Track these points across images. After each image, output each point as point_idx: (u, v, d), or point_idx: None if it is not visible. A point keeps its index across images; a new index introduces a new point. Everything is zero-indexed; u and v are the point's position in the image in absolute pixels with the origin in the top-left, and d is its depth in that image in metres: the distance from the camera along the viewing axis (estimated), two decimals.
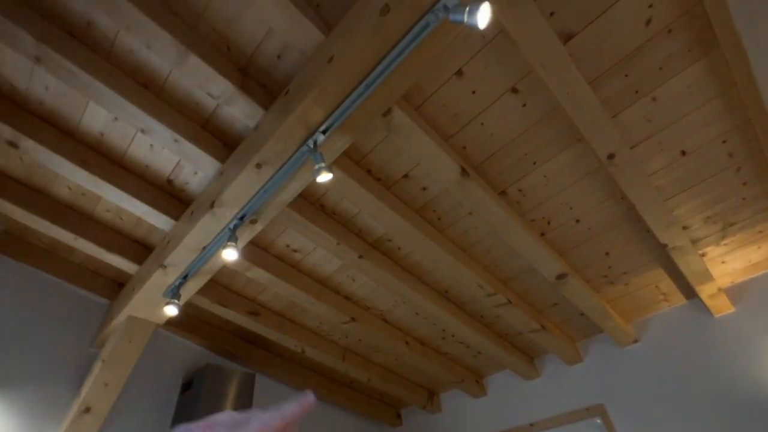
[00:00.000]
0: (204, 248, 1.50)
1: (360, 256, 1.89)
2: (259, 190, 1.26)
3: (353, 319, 2.27)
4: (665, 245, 1.77)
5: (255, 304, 2.35)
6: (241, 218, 1.36)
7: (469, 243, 1.96)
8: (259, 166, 1.21)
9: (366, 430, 3.31)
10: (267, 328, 2.36)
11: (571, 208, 1.79)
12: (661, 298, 2.25)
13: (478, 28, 0.79)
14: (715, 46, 1.28)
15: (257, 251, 2.01)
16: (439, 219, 1.86)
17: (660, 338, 2.26)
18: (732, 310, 2.07)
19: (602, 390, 2.36)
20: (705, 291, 1.98)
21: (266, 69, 1.37)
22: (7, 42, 1.24)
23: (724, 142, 1.53)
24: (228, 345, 2.56)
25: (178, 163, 1.65)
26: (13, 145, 1.51)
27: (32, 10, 1.26)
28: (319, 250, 2.02)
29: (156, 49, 1.24)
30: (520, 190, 1.73)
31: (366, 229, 1.91)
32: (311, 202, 1.81)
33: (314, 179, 1.06)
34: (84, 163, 1.58)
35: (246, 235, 1.49)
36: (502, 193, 1.74)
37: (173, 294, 1.58)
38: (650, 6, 1.21)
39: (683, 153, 1.57)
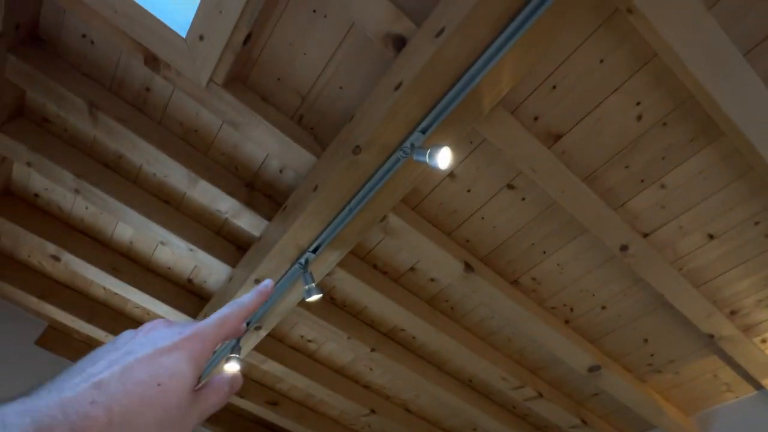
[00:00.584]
0: (214, 352, 1.53)
1: (372, 350, 1.84)
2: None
3: (373, 411, 2.16)
4: (711, 335, 1.57)
5: (274, 392, 2.32)
6: (246, 324, 1.39)
7: (487, 332, 1.85)
8: (257, 281, 1.25)
9: None
10: (286, 419, 2.30)
11: (593, 295, 1.66)
12: (724, 389, 1.94)
13: (439, 170, 0.81)
14: (720, 134, 1.21)
15: (272, 342, 2.02)
16: (452, 309, 1.79)
17: None
18: None
19: None
20: None
21: (270, 182, 1.48)
22: (53, 179, 1.45)
23: (756, 223, 1.39)
24: None
25: (195, 266, 1.76)
26: (56, 258, 1.69)
27: (75, 148, 1.47)
28: (332, 342, 2.00)
29: (171, 177, 1.39)
30: (533, 279, 1.64)
31: (378, 319, 1.88)
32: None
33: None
34: (114, 270, 1.73)
35: (251, 341, 1.51)
36: (515, 282, 1.66)
37: None
38: (638, 104, 1.19)
39: (711, 236, 1.44)
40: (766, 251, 1.46)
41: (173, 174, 1.40)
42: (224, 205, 1.43)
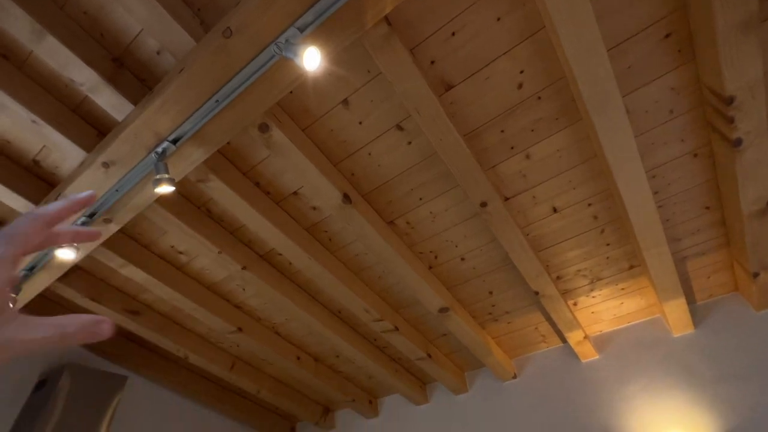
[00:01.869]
0: None
1: (244, 268, 1.83)
2: (109, 190, 1.18)
3: (240, 329, 2.19)
4: (537, 292, 1.88)
5: (136, 302, 2.20)
6: (91, 216, 1.26)
7: (361, 267, 1.97)
8: (106, 165, 1.13)
9: None
10: (147, 329, 2.21)
11: (456, 246, 1.85)
12: (540, 339, 2.38)
13: (306, 70, 0.78)
14: (579, 119, 1.38)
15: (136, 248, 1.89)
16: (330, 240, 1.85)
17: (535, 376, 2.39)
18: (596, 357, 2.24)
19: (483, 420, 2.45)
20: (573, 338, 2.12)
21: (144, 62, 1.30)
22: None
23: (589, 205, 1.66)
24: (102, 342, 2.37)
25: (44, 146, 1.51)
26: None
27: None
28: (205, 257, 1.94)
29: (12, 25, 1.13)
30: (408, 223, 1.76)
31: (255, 240, 1.86)
32: (197, 206, 1.74)
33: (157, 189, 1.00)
34: None
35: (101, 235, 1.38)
36: (391, 223, 1.76)
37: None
38: (521, 72, 1.29)
39: (555, 209, 1.68)
40: (590, 230, 1.76)
41: (14, 23, 1.14)
42: (80, 75, 1.22)
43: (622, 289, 2.03)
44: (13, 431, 1.94)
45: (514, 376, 2.46)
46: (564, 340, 2.37)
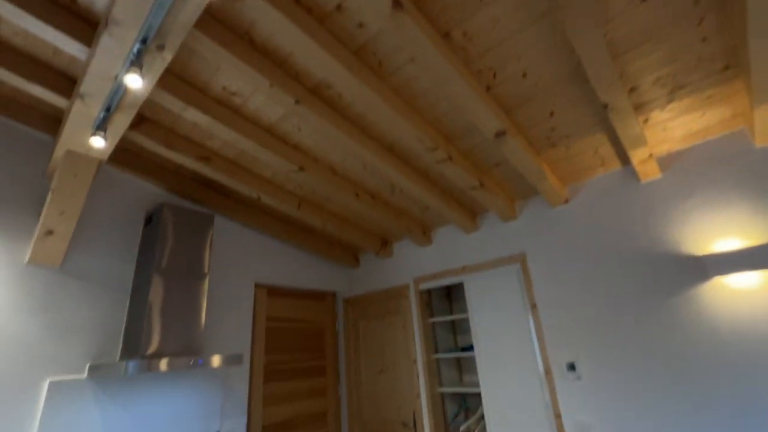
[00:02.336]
0: (116, 77, 1.42)
1: (297, 101, 1.83)
2: (153, 4, 1.12)
3: (301, 168, 2.34)
4: (606, 105, 1.74)
5: (205, 149, 2.37)
6: (144, 41, 1.25)
7: (413, 94, 1.89)
8: None
9: (329, 268, 3.79)
10: (219, 173, 2.43)
11: (518, 59, 1.68)
12: (599, 164, 2.33)
13: None
14: None
15: (193, 92, 1.92)
16: (380, 64, 1.74)
17: (588, 200, 2.43)
18: (658, 176, 2.18)
19: (527, 242, 2.65)
20: (637, 156, 2.04)
21: None
22: None
23: None
24: (186, 188, 2.68)
25: None
26: None
27: None
28: (258, 95, 1.94)
29: None
30: (465, 34, 1.58)
31: (303, 72, 1.80)
32: (239, 35, 1.65)
33: None
34: None
35: (157, 65, 1.39)
36: (446, 36, 1.59)
37: (98, 126, 1.57)
38: None
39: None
40: (685, 21, 1.49)
41: None
42: None
43: (708, 97, 1.82)
44: (140, 256, 2.42)
45: (566, 201, 2.52)
46: (624, 162, 2.30)
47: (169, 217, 2.39)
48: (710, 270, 1.88)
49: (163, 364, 1.91)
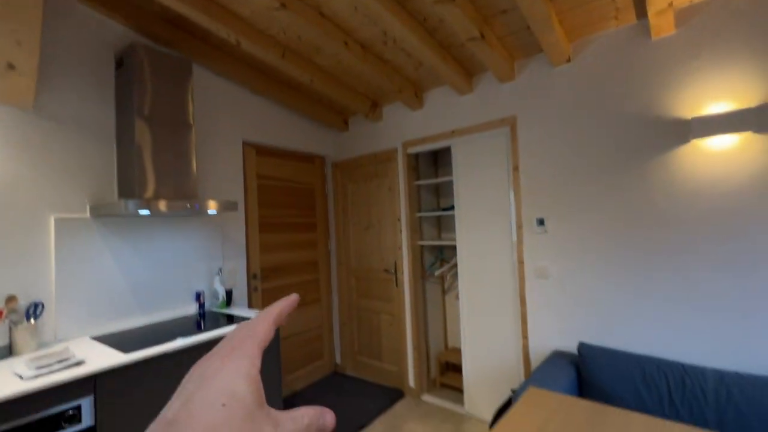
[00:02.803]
0: None
1: None
2: None
3: (284, 5, 2.08)
4: None
5: None
6: None
7: None
8: None
9: (317, 131, 3.74)
10: (191, 8, 2.15)
11: None
12: (613, 15, 2.13)
13: None
14: None
15: None
16: None
17: (592, 59, 2.30)
18: (672, 32, 2.04)
19: (520, 104, 2.60)
20: (655, 5, 1.86)
21: None
22: None
23: None
24: (155, 27, 2.40)
25: None
26: None
27: None
28: None
29: None
30: None
31: None
32: None
33: None
34: None
35: None
36: None
37: None
38: None
39: None
40: None
41: None
42: None
43: None
44: (118, 101, 2.30)
45: (568, 60, 2.39)
46: (640, 14, 2.11)
47: (143, 59, 2.19)
48: (693, 132, 1.92)
49: (162, 204, 2.01)
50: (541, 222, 2.51)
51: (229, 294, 2.70)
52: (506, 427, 1.31)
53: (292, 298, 0.32)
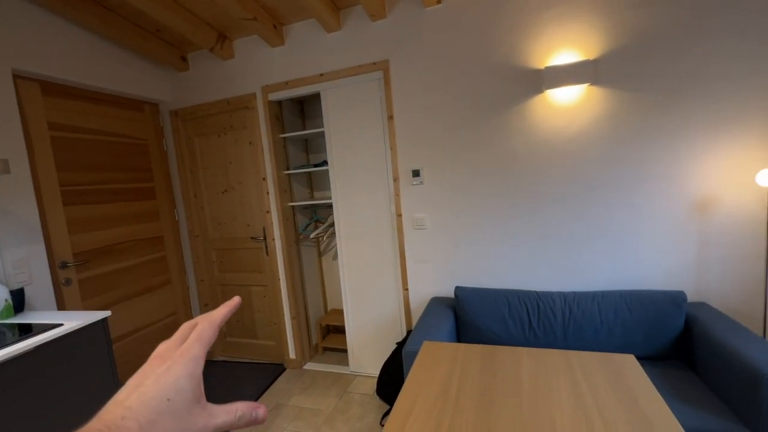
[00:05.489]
0: None
1: None
2: None
3: None
4: None
5: None
6: None
7: None
8: None
9: (145, 69, 2.86)
10: None
11: None
12: None
13: None
14: None
15: None
16: None
17: (461, 2, 2.25)
18: None
19: (393, 47, 2.42)
20: None
21: None
22: None
23: None
24: None
25: None
26: None
27: None
28: None
29: None
30: None
31: None
32: None
33: None
34: None
35: None
36: None
37: None
38: None
39: None
40: None
41: None
42: None
43: None
44: None
45: (439, 1, 2.28)
46: None
47: None
48: (546, 83, 2.07)
49: None
50: (416, 173, 2.47)
51: (18, 295, 1.89)
52: (414, 384, 1.21)
53: (235, 302, 0.36)
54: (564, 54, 2.09)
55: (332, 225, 3.03)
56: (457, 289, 2.28)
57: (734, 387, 1.49)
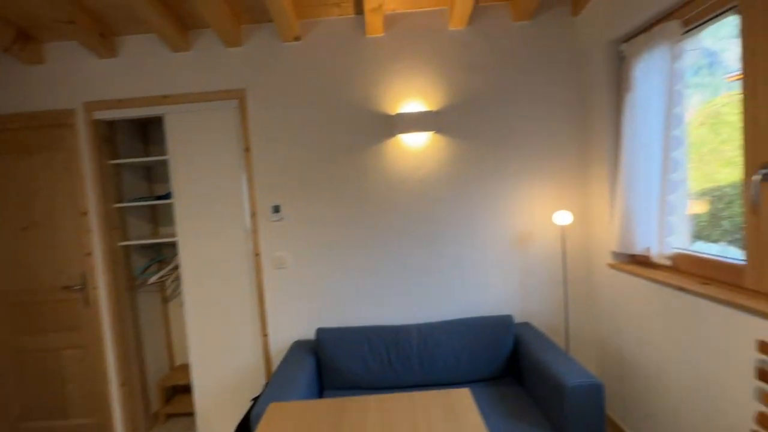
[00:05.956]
0: None
1: None
2: None
3: None
4: None
5: None
6: None
7: None
8: None
9: None
10: None
11: None
12: (335, 2, 2.16)
13: None
14: None
15: None
16: None
17: (318, 43, 2.29)
18: (382, 34, 2.27)
19: (250, 76, 2.30)
20: (369, 2, 1.98)
21: None
22: None
23: None
24: None
25: None
26: None
27: None
28: None
29: None
30: None
31: None
32: None
33: None
34: None
35: None
36: None
37: None
38: None
39: None
40: None
41: None
42: None
43: None
44: None
45: (297, 38, 2.28)
46: (358, 11, 2.23)
47: None
48: (397, 128, 2.23)
49: None
50: (277, 209, 2.34)
51: None
52: None
53: None
54: (412, 103, 2.30)
55: (178, 266, 2.62)
56: (319, 331, 2.19)
57: (549, 398, 1.74)
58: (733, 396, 1.33)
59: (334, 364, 2.12)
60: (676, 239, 1.70)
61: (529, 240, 2.33)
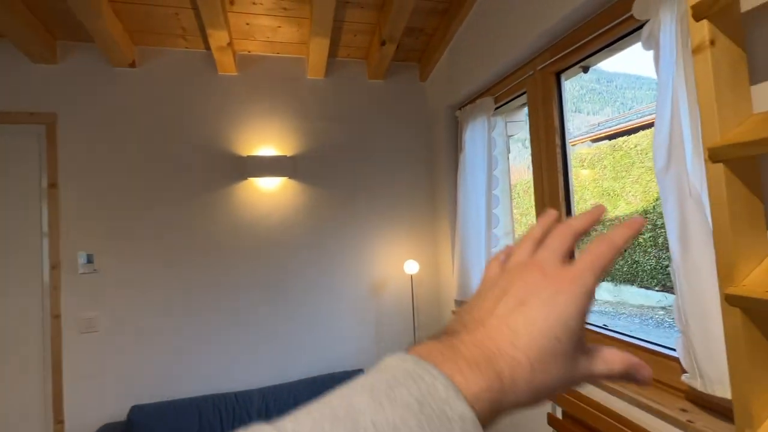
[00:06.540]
0: None
1: None
2: None
3: None
4: None
5: None
6: None
7: None
8: None
9: None
10: None
11: None
12: (180, 33, 1.99)
13: None
14: None
15: None
16: None
17: (160, 73, 2.07)
18: (235, 73, 2.16)
19: (66, 100, 1.94)
20: (216, 39, 1.88)
21: None
22: None
23: None
24: None
25: None
26: None
27: None
28: None
29: None
30: None
31: None
32: None
33: None
34: None
35: None
36: None
37: None
38: None
39: None
40: None
41: None
42: None
43: (284, 8, 1.90)
44: None
45: (133, 65, 2.02)
46: (207, 46, 2.10)
47: None
48: (248, 171, 2.08)
49: None
50: (89, 258, 1.92)
51: None
52: None
53: (638, 222, 0.25)
54: (266, 147, 2.19)
55: None
56: (133, 410, 1.78)
57: None
58: None
59: None
60: None
61: (383, 288, 2.34)
